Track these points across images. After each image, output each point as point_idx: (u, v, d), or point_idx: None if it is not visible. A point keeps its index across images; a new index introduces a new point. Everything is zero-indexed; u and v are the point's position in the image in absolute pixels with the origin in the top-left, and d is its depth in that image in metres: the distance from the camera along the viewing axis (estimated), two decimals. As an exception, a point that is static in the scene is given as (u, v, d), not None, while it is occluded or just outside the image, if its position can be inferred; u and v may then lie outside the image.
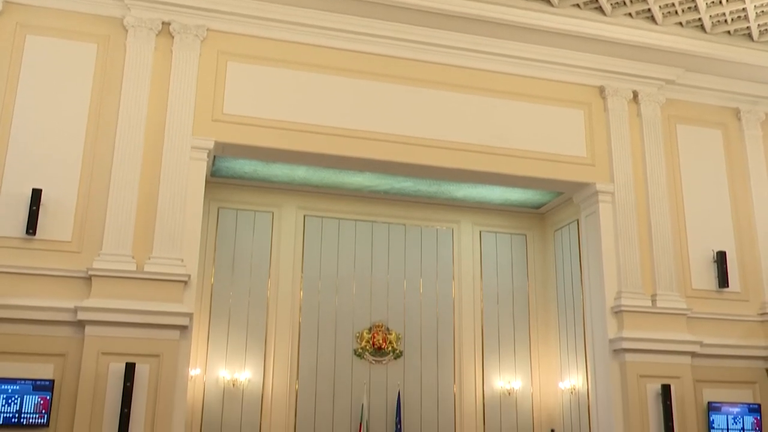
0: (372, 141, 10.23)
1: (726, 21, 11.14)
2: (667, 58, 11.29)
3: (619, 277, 10.65)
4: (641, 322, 10.47)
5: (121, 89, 9.44)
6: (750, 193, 11.70)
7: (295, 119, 9.99)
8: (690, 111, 11.83)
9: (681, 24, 11.14)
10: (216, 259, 11.98)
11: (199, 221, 9.45)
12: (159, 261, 9.03)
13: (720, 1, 10.75)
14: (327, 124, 10.09)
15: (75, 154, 9.16)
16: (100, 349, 8.58)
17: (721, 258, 11.13)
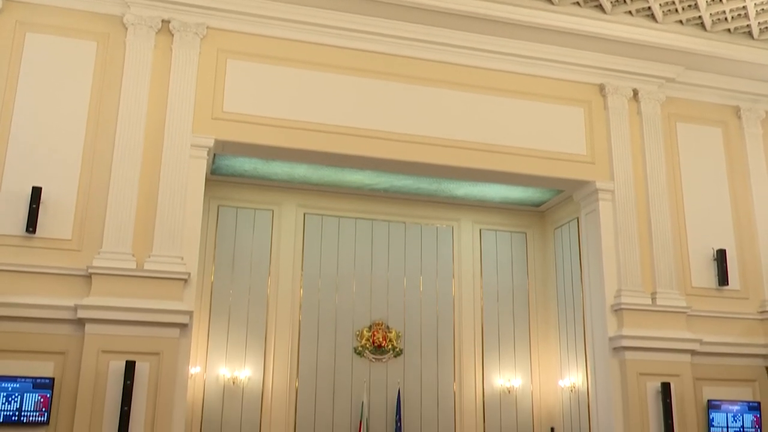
0: (372, 139, 10.23)
1: (726, 19, 11.13)
2: (668, 56, 11.28)
3: (619, 275, 10.66)
4: (641, 320, 10.48)
5: (120, 87, 9.43)
6: (750, 191, 11.70)
7: (295, 117, 9.99)
8: (690, 109, 11.83)
9: (681, 22, 11.14)
10: (216, 257, 11.97)
11: (199, 219, 9.46)
12: (159, 259, 9.03)
13: (720, -1, 10.78)
14: (327, 122, 10.09)
15: (75, 153, 9.16)
16: (100, 347, 8.58)
17: (721, 256, 11.13)
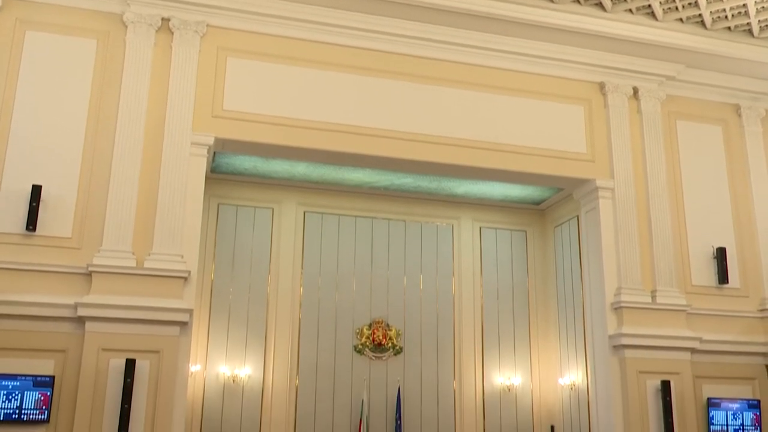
0: (372, 137, 10.23)
1: (726, 17, 11.12)
2: (668, 55, 11.28)
3: (618, 273, 10.66)
4: (641, 319, 10.48)
5: (120, 85, 9.44)
6: (750, 189, 11.71)
7: (295, 115, 9.99)
8: (690, 107, 11.83)
9: (681, 20, 11.13)
10: (216, 255, 11.97)
11: (199, 217, 9.46)
12: (159, 257, 9.04)
13: (720, -3, 10.78)
14: (327, 120, 10.10)
15: (75, 151, 9.16)
16: (100, 345, 8.59)
17: (720, 254, 11.13)
